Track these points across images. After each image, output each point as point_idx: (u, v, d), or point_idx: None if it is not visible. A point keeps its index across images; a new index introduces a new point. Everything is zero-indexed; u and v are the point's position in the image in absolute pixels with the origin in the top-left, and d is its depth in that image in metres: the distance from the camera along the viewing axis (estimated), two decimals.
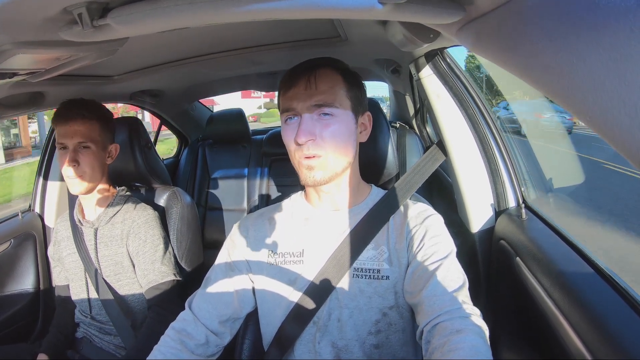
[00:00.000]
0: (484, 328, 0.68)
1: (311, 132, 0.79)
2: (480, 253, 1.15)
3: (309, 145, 0.79)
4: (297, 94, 0.81)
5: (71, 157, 1.15)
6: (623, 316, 0.64)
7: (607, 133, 0.32)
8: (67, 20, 0.55)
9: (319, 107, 0.80)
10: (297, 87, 0.82)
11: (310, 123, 0.80)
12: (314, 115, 0.80)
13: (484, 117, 1.14)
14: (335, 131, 0.81)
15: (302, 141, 0.79)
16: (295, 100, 0.81)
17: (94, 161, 1.19)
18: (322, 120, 0.80)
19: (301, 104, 0.81)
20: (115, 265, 1.25)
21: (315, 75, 0.82)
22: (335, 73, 0.84)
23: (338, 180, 0.86)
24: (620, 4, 0.29)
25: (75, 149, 1.17)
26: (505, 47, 0.45)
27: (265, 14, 0.50)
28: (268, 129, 2.40)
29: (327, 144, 0.80)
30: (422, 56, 1.13)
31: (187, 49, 1.23)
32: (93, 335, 1.27)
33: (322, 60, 0.86)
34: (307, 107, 0.80)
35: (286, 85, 0.84)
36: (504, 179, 1.12)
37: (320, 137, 0.80)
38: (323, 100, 0.80)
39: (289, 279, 0.86)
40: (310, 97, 0.80)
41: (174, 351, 0.81)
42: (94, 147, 1.19)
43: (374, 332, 0.81)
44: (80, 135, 1.17)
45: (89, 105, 1.21)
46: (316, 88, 0.81)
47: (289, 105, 0.82)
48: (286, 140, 0.84)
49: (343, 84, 0.84)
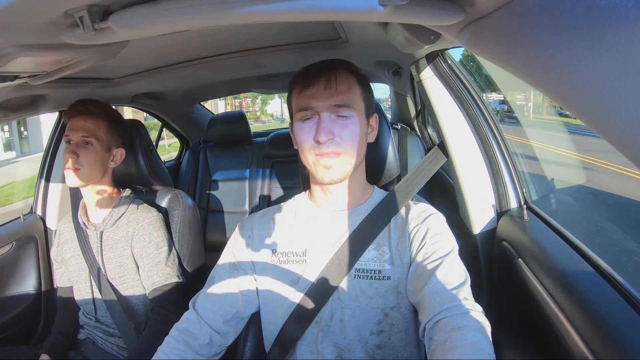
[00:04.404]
0: (485, 324, 0.68)
1: (331, 131, 0.80)
2: (482, 254, 1.14)
3: (328, 144, 0.80)
4: (316, 93, 0.82)
5: (72, 149, 1.17)
6: (625, 317, 0.63)
7: (608, 133, 0.32)
8: (69, 23, 0.55)
9: (339, 108, 0.81)
10: (316, 86, 0.82)
11: (330, 122, 0.80)
12: (332, 115, 0.81)
13: (485, 118, 1.13)
14: (352, 132, 0.82)
15: (323, 139, 0.79)
16: (314, 99, 0.81)
17: (94, 158, 1.20)
18: (339, 120, 0.81)
19: (320, 103, 0.81)
20: (120, 267, 1.25)
21: (335, 76, 0.82)
22: (350, 75, 0.85)
23: (347, 180, 0.87)
24: (621, 4, 0.29)
25: (78, 143, 1.19)
26: (506, 48, 0.45)
27: (266, 16, 0.51)
28: (269, 131, 2.41)
29: (345, 144, 0.81)
30: (423, 58, 1.13)
31: (188, 51, 1.23)
32: (97, 337, 1.28)
33: (338, 61, 0.87)
34: (326, 107, 0.81)
35: (303, 84, 0.84)
36: (506, 180, 1.12)
37: (340, 136, 0.81)
38: (343, 101, 0.81)
39: (292, 279, 0.86)
40: (330, 97, 0.81)
41: (178, 352, 0.81)
42: (96, 145, 1.20)
43: (376, 332, 0.81)
44: (85, 129, 1.19)
45: (100, 104, 1.24)
46: (337, 88, 0.81)
47: (308, 104, 0.82)
48: (301, 139, 0.84)
49: (358, 86, 0.85)
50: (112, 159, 1.27)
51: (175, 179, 2.28)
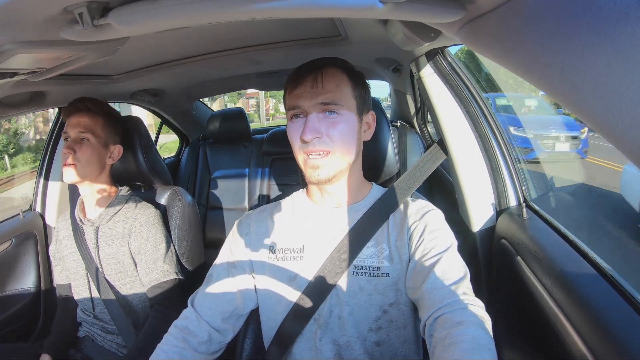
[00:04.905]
0: (485, 318, 0.68)
1: (317, 129, 0.80)
2: (481, 252, 1.14)
3: (315, 142, 0.80)
4: (304, 92, 0.82)
5: (69, 145, 1.18)
6: (624, 316, 0.64)
7: (609, 133, 0.32)
8: (68, 19, 0.55)
9: (325, 106, 0.81)
10: (303, 85, 0.82)
11: (317, 121, 0.80)
12: (320, 114, 0.81)
13: (485, 116, 1.13)
14: (341, 130, 0.81)
15: (308, 138, 0.79)
16: (301, 98, 0.82)
17: (91, 155, 1.21)
18: (328, 118, 0.81)
19: (307, 102, 0.81)
20: (117, 264, 1.25)
21: (322, 74, 0.82)
22: (341, 72, 0.85)
23: (342, 178, 0.86)
24: (621, 3, 0.29)
25: (75, 139, 1.20)
26: (506, 46, 0.45)
27: (266, 13, 0.50)
28: (269, 128, 2.40)
29: (333, 142, 0.81)
30: (423, 55, 1.13)
31: (188, 48, 1.23)
32: (96, 334, 1.28)
33: (328, 59, 0.87)
34: (313, 106, 0.81)
35: (292, 83, 0.85)
36: (505, 178, 1.12)
37: (327, 135, 0.81)
38: (329, 99, 0.81)
39: (289, 276, 0.86)
40: (317, 96, 0.81)
41: (177, 349, 0.82)
42: (94, 141, 1.21)
43: (375, 329, 0.82)
44: (82, 126, 1.20)
45: (97, 101, 1.25)
46: (323, 87, 0.81)
47: (295, 104, 0.83)
48: (291, 138, 0.85)
49: (349, 83, 0.85)
50: (109, 156, 1.27)
51: (175, 175, 2.28)
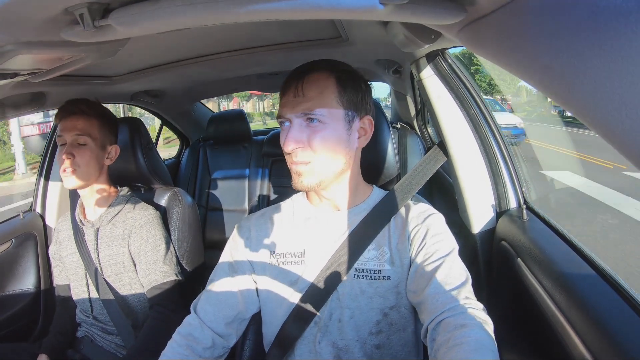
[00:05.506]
0: (488, 321, 0.68)
1: (297, 139, 0.80)
2: (481, 254, 1.14)
3: (297, 152, 0.80)
4: (287, 101, 0.83)
5: (67, 150, 1.17)
6: (624, 317, 0.63)
7: (608, 134, 0.32)
8: (69, 20, 0.55)
9: (306, 115, 0.81)
10: (287, 94, 0.83)
11: (299, 130, 0.80)
12: (304, 122, 0.81)
13: (485, 118, 1.13)
14: (323, 137, 0.80)
15: (288, 150, 0.80)
16: (285, 107, 0.83)
17: (89, 158, 1.20)
18: (311, 126, 0.81)
19: (289, 111, 0.82)
20: (116, 265, 1.25)
21: (302, 83, 0.82)
22: (327, 77, 0.83)
23: (335, 183, 0.86)
24: (621, 5, 0.29)
25: (72, 143, 1.19)
26: (507, 48, 0.45)
27: (266, 14, 0.50)
28: (269, 130, 2.41)
29: (314, 152, 0.80)
30: (423, 57, 1.13)
31: (188, 49, 1.23)
32: (95, 335, 1.27)
33: (315, 64, 0.85)
34: (296, 115, 0.81)
35: (281, 92, 0.86)
36: (505, 180, 1.12)
37: (309, 143, 0.80)
38: (309, 109, 0.80)
39: (290, 279, 0.86)
40: (298, 105, 0.81)
41: (182, 356, 0.82)
42: (91, 143, 1.21)
43: (375, 332, 0.81)
44: (78, 128, 1.19)
45: (90, 103, 1.24)
46: (303, 95, 0.81)
47: (281, 113, 0.84)
48: (281, 145, 0.85)
49: (335, 87, 0.82)
50: (107, 157, 1.27)
51: (175, 177, 2.28)
